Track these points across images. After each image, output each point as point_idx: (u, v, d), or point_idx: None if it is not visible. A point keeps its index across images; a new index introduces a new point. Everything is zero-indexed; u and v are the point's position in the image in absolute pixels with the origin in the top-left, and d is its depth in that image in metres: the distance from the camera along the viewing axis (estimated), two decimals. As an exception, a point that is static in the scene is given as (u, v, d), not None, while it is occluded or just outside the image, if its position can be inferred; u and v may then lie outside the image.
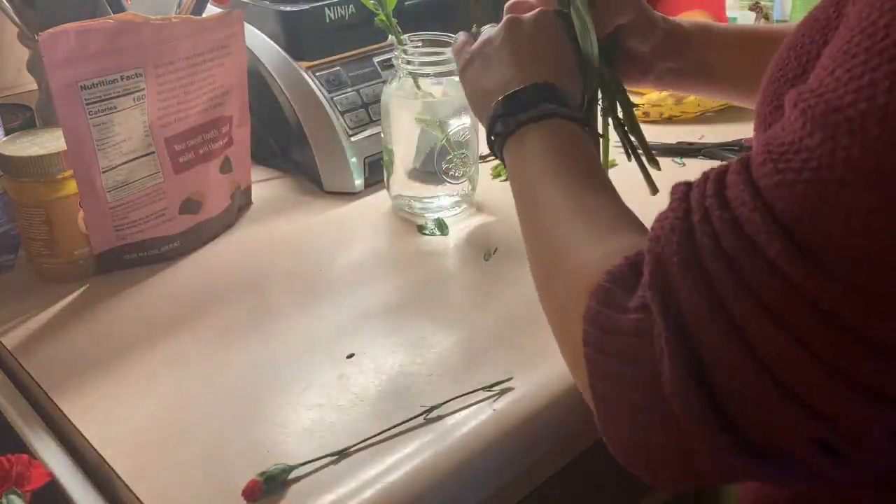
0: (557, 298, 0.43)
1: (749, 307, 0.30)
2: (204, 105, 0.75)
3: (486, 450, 0.53)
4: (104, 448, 0.53)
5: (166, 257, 0.75)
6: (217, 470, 0.51)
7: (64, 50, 0.63)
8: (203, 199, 0.77)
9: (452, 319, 0.65)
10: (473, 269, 0.72)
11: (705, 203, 0.33)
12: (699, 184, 0.35)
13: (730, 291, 0.31)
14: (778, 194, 0.31)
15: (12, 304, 0.69)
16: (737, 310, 0.31)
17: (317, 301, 0.68)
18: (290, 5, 0.87)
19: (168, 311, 0.68)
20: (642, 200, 0.54)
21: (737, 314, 0.31)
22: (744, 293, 0.31)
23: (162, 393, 0.58)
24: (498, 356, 0.60)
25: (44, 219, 0.69)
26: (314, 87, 0.85)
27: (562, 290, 0.42)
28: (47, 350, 0.63)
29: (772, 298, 0.30)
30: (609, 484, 0.72)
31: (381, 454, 0.52)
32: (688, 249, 0.33)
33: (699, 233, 0.32)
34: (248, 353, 0.62)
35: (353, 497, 0.48)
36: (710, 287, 0.31)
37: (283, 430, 0.54)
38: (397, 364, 0.60)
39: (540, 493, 0.61)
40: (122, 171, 0.70)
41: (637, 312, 0.34)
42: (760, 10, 1.02)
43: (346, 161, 0.85)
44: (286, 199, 0.87)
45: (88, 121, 0.66)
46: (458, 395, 0.56)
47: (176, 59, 0.71)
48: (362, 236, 0.79)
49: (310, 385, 0.58)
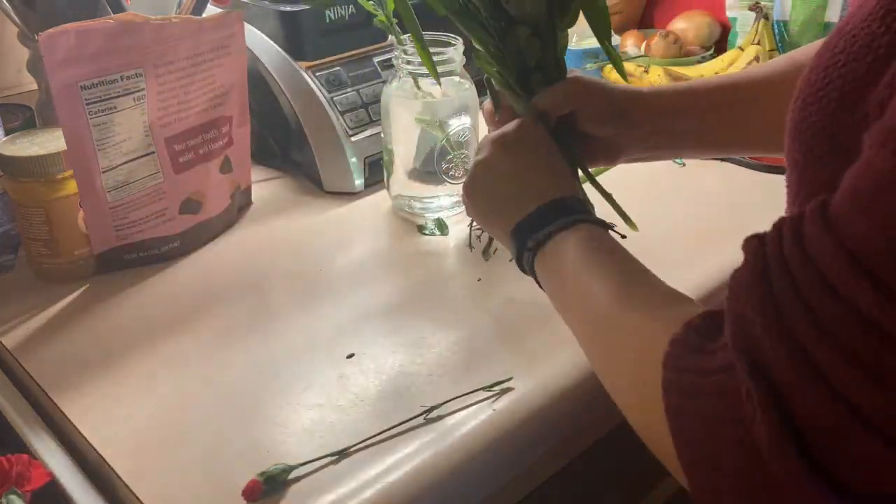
0: (626, 377, 0.42)
1: (839, 360, 0.29)
2: (204, 105, 0.75)
3: (486, 450, 0.53)
4: (104, 448, 0.53)
5: (166, 257, 0.75)
6: (217, 470, 0.51)
7: (64, 50, 0.63)
8: (203, 199, 0.77)
9: (452, 319, 0.65)
10: (473, 269, 0.72)
11: (784, 256, 0.32)
12: (773, 237, 0.33)
13: (815, 346, 0.30)
14: (866, 241, 0.29)
15: (12, 304, 0.69)
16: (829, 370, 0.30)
17: (317, 301, 0.68)
18: (290, 5, 0.87)
19: (168, 311, 0.68)
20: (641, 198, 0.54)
21: (830, 376, 0.30)
22: (829, 344, 0.30)
23: (162, 393, 0.58)
24: (498, 356, 0.60)
25: (44, 219, 0.69)
26: (314, 87, 0.85)
27: (631, 368, 0.41)
28: (47, 350, 0.63)
29: (864, 350, 0.29)
30: (609, 484, 0.72)
31: (381, 454, 0.52)
32: (770, 307, 0.32)
33: (778, 289, 0.31)
34: (248, 353, 0.62)
35: (353, 497, 0.48)
36: (796, 345, 0.30)
37: (283, 430, 0.54)
38: (397, 364, 0.60)
39: (540, 493, 0.62)
40: (122, 171, 0.70)
41: (720, 373, 0.33)
42: (760, 10, 1.02)
43: (346, 161, 0.85)
44: (286, 199, 0.87)
45: (88, 121, 0.66)
46: (458, 395, 0.56)
47: (176, 59, 0.71)
48: (362, 236, 0.79)
49: (310, 385, 0.58)
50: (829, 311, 0.30)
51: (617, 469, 0.72)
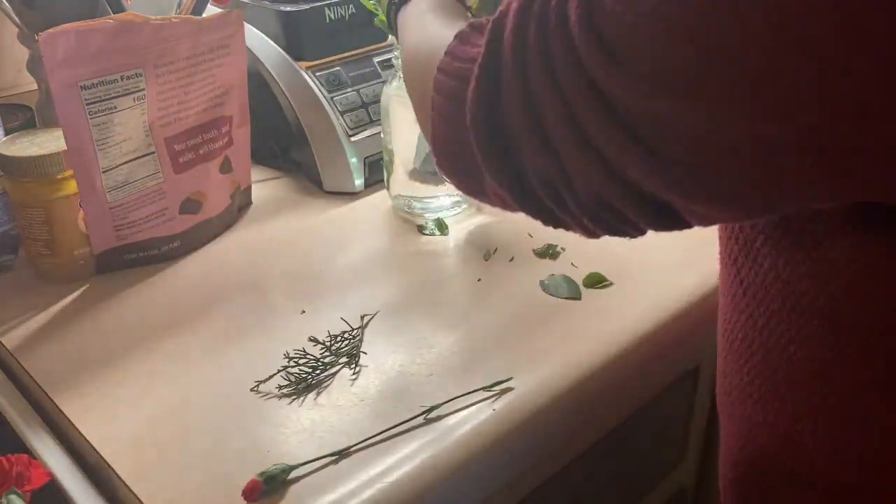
0: (420, 78, 0.48)
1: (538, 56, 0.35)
2: (204, 105, 0.75)
3: (486, 450, 0.53)
4: (104, 448, 0.53)
5: (166, 257, 0.75)
6: (217, 470, 0.51)
7: (64, 50, 0.63)
8: (203, 199, 0.77)
9: (452, 319, 0.65)
10: (473, 269, 0.72)
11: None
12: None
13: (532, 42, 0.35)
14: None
15: (12, 304, 0.69)
16: (530, 54, 0.35)
17: (317, 301, 0.68)
18: (290, 5, 0.87)
19: (168, 311, 0.68)
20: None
21: (529, 57, 0.35)
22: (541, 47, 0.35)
23: (162, 393, 0.58)
24: (498, 356, 0.60)
25: (44, 219, 0.69)
26: (314, 87, 0.85)
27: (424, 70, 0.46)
28: (47, 350, 0.63)
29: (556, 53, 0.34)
30: (609, 484, 0.72)
31: (381, 454, 0.52)
32: (522, 19, 0.36)
33: (536, 8, 0.36)
34: (248, 353, 0.62)
35: (353, 497, 0.48)
36: (524, 32, 0.35)
37: (283, 430, 0.54)
38: (397, 364, 0.60)
39: (540, 493, 0.62)
40: (122, 171, 0.70)
41: (478, 46, 0.39)
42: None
43: (346, 161, 0.85)
44: (286, 199, 0.87)
45: (88, 121, 0.66)
46: (458, 395, 0.56)
47: (176, 59, 0.71)
48: (362, 236, 0.79)
49: (310, 385, 0.58)
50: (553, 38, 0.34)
51: (617, 469, 0.72)
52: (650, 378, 0.67)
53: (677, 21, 0.29)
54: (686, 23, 0.29)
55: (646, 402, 0.69)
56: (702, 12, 0.29)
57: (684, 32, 0.29)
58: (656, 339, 0.63)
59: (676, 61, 0.30)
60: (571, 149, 0.35)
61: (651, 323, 0.63)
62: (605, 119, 0.33)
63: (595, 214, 0.37)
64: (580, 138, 0.34)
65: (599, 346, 0.61)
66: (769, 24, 0.27)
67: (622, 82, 0.31)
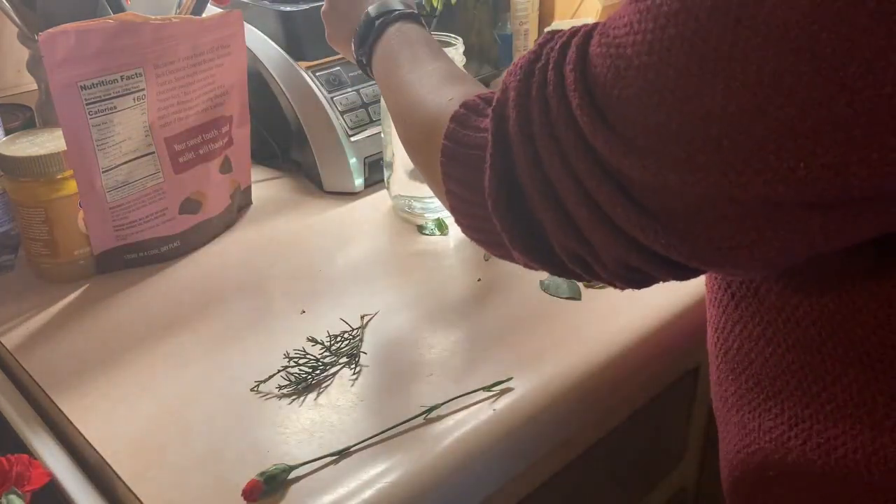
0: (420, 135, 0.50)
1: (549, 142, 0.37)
2: (204, 105, 0.75)
3: (486, 450, 0.53)
4: (104, 448, 0.53)
5: (166, 257, 0.75)
6: (217, 470, 0.51)
7: (64, 50, 0.63)
8: (203, 199, 0.77)
9: (452, 319, 0.65)
10: (473, 269, 0.72)
11: (551, 55, 0.38)
12: (561, 35, 0.39)
13: (538, 129, 0.37)
14: (595, 62, 0.35)
15: (12, 304, 0.69)
16: (540, 141, 0.38)
17: (317, 301, 0.68)
18: (290, 5, 0.87)
19: (168, 311, 0.68)
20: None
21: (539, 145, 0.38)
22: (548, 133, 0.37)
23: (162, 393, 0.58)
24: (498, 356, 0.60)
25: (44, 219, 0.69)
26: (314, 87, 0.85)
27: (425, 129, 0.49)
28: (47, 350, 0.63)
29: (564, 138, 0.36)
30: (609, 484, 0.72)
31: (381, 454, 0.52)
32: (523, 86, 0.38)
33: (536, 78, 0.38)
34: (248, 353, 0.62)
35: (353, 497, 0.48)
36: (528, 121, 0.38)
37: (283, 430, 0.54)
38: (397, 364, 0.60)
39: (540, 493, 0.62)
40: (122, 171, 0.70)
41: (483, 132, 0.42)
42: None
43: (346, 161, 0.85)
44: (286, 199, 0.87)
45: (88, 121, 0.66)
46: (457, 396, 0.56)
47: (176, 59, 0.71)
48: (362, 236, 0.79)
49: (309, 385, 0.58)
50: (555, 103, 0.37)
51: (617, 469, 0.72)
52: (650, 378, 0.67)
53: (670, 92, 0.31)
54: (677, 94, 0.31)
55: (646, 402, 0.69)
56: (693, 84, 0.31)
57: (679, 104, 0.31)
58: (656, 339, 0.63)
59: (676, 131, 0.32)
60: (592, 225, 0.37)
61: (651, 323, 0.63)
62: (620, 196, 0.35)
63: (625, 276, 0.39)
64: (600, 216, 0.36)
65: (599, 346, 0.61)
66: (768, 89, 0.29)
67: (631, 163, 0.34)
